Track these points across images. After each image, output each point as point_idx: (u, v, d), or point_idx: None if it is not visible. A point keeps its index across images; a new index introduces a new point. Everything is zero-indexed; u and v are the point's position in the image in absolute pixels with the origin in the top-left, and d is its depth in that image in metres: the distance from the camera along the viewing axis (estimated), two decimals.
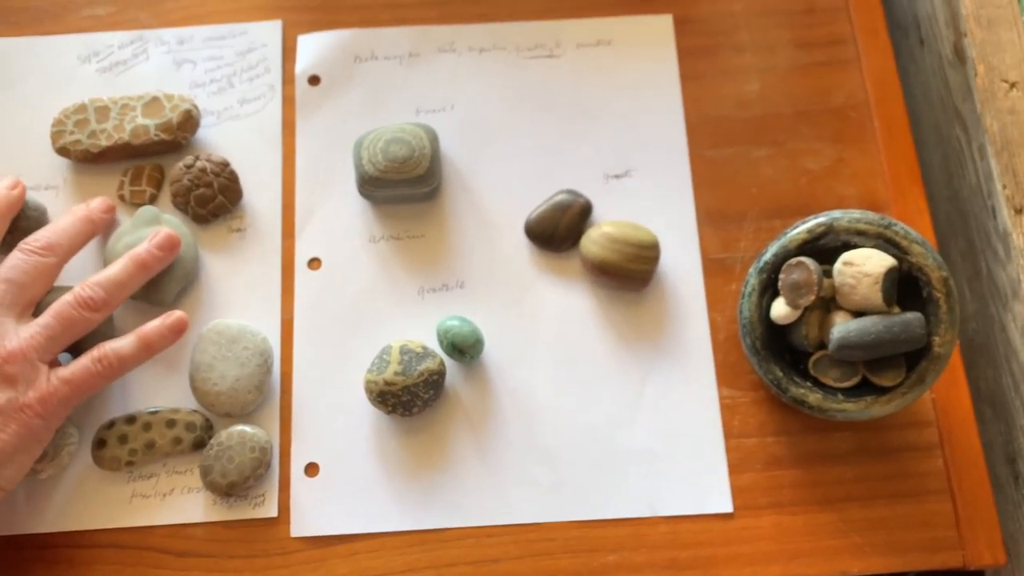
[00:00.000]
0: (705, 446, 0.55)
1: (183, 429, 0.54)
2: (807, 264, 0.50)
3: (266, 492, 0.54)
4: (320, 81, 0.62)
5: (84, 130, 0.59)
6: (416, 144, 0.57)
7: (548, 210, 0.59)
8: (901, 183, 0.60)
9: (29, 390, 0.49)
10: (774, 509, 0.54)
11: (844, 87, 0.62)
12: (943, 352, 0.50)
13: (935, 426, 0.55)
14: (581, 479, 0.54)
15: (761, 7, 0.64)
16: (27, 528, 0.53)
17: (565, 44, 0.63)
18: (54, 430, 0.51)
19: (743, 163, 0.61)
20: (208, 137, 0.61)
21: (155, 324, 0.53)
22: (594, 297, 0.58)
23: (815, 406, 0.51)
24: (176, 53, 0.63)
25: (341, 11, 0.64)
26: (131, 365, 0.52)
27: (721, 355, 0.57)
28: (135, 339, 0.52)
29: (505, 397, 0.56)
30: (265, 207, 0.60)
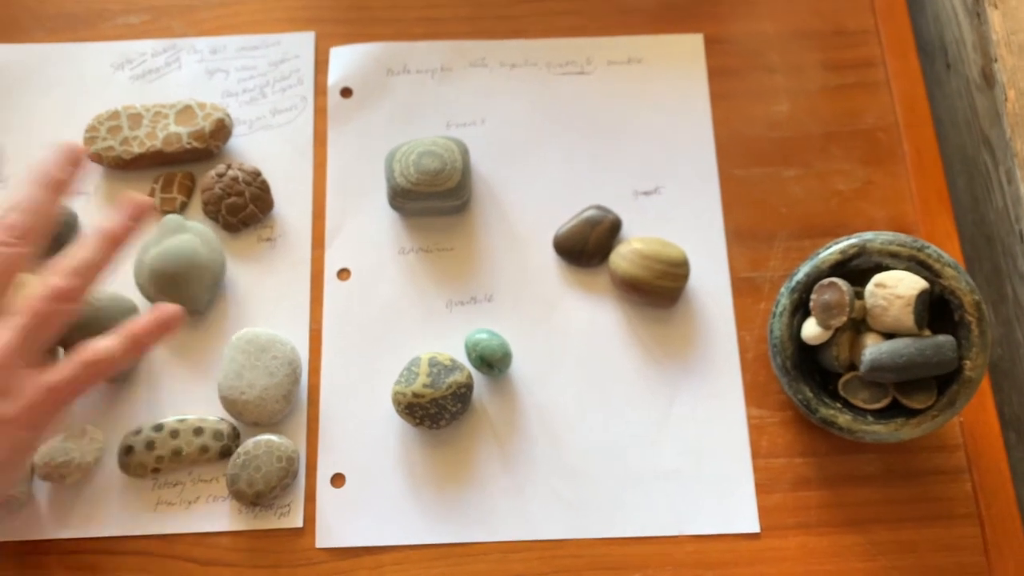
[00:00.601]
0: (732, 465, 0.55)
1: (210, 437, 0.54)
2: (839, 285, 0.50)
3: (292, 502, 0.54)
4: (352, 93, 0.63)
5: (117, 137, 0.60)
6: (448, 158, 0.57)
7: (577, 225, 0.59)
8: (930, 206, 0.61)
9: (11, 402, 0.44)
10: (801, 530, 0.54)
11: (873, 109, 0.63)
12: (974, 376, 0.50)
13: (963, 450, 0.55)
14: (607, 496, 0.54)
15: (792, 29, 0.64)
16: (52, 534, 0.53)
17: (596, 61, 0.64)
18: (44, 438, 0.48)
19: (773, 183, 0.61)
20: (240, 146, 0.62)
21: (143, 320, 0.48)
22: (622, 313, 0.58)
23: (844, 427, 0.51)
24: (209, 62, 0.63)
25: (374, 24, 0.64)
26: (120, 366, 0.48)
27: (749, 374, 0.57)
28: (123, 338, 0.47)
29: (532, 412, 0.56)
30: (295, 217, 0.60)
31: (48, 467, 0.53)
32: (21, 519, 0.53)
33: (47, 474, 0.53)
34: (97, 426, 0.55)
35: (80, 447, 0.54)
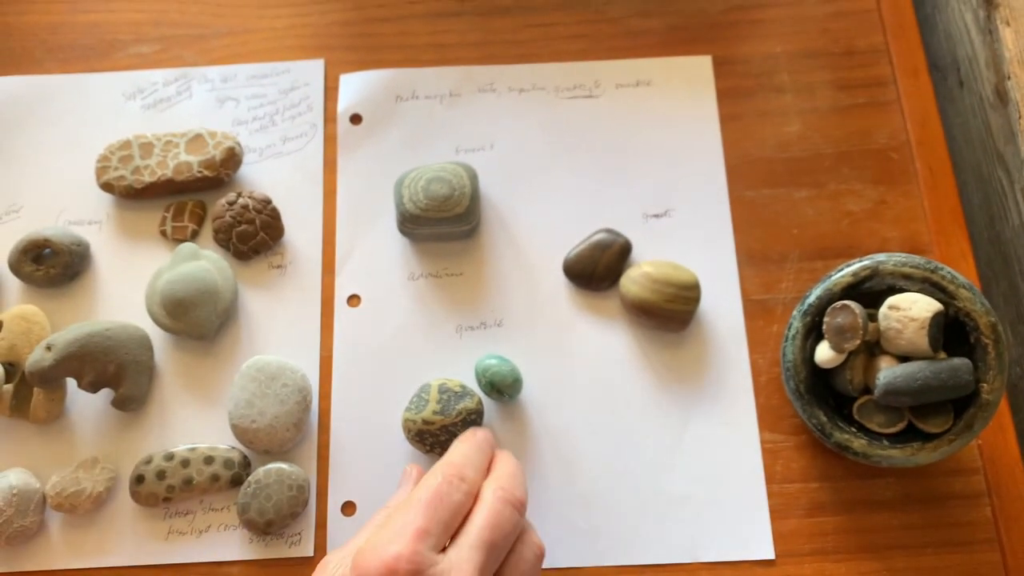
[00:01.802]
0: (746, 491, 0.54)
1: (221, 466, 0.54)
2: (852, 308, 0.50)
3: (302, 531, 0.54)
4: (362, 120, 0.63)
5: (128, 166, 0.60)
6: (457, 183, 0.57)
7: (587, 249, 0.58)
8: (944, 225, 0.60)
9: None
10: (817, 556, 0.53)
11: (885, 128, 0.62)
12: (992, 399, 0.49)
13: (982, 474, 0.54)
14: (620, 523, 0.54)
15: (801, 49, 0.64)
16: (65, 564, 0.53)
17: (604, 84, 0.63)
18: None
19: (784, 204, 0.60)
20: (250, 174, 0.62)
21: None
22: (633, 337, 0.58)
23: (859, 452, 0.50)
24: (219, 91, 0.64)
25: (383, 51, 0.65)
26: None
27: (763, 398, 0.56)
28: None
29: (543, 438, 0.56)
30: (306, 244, 0.60)
31: (60, 497, 0.53)
32: (34, 549, 0.54)
33: (59, 504, 0.53)
34: (108, 456, 0.55)
35: (92, 477, 0.54)
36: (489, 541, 0.43)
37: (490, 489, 0.45)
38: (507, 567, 0.44)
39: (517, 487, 0.46)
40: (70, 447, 0.56)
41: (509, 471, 0.47)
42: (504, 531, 0.44)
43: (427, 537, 0.42)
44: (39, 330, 0.56)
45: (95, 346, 0.54)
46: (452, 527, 0.43)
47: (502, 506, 0.44)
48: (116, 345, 0.55)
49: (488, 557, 0.42)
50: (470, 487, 0.45)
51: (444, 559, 0.42)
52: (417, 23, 0.66)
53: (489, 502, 0.44)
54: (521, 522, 0.45)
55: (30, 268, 0.58)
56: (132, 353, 0.55)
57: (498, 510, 0.44)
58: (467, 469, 0.46)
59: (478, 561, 0.42)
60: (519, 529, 0.45)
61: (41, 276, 0.58)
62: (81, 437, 0.56)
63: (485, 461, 0.48)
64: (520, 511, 0.45)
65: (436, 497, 0.43)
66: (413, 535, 0.41)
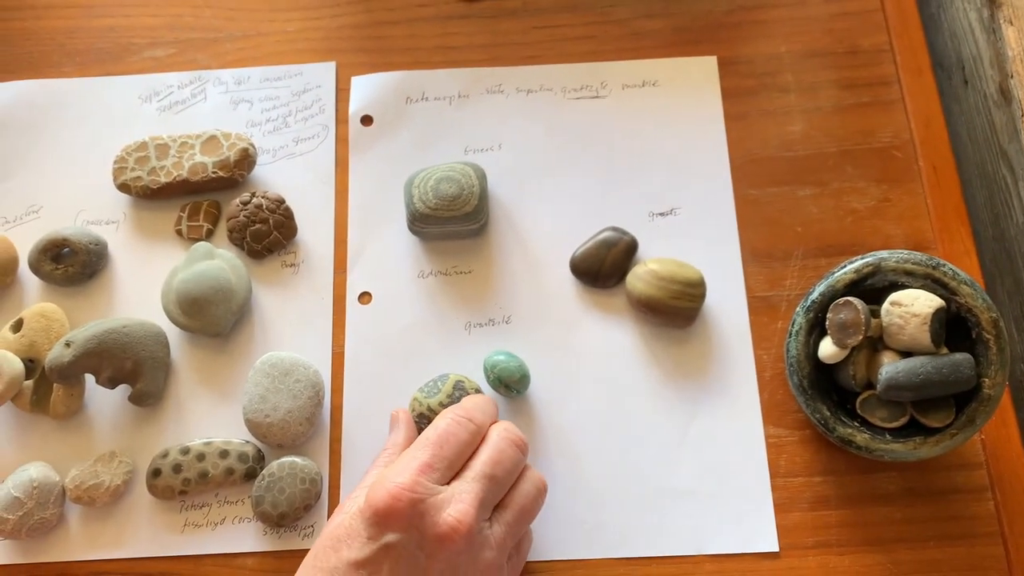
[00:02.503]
0: (751, 485, 0.55)
1: (236, 460, 0.55)
2: (855, 304, 0.51)
3: (315, 523, 0.55)
4: (372, 121, 0.64)
5: (144, 167, 0.61)
6: (465, 182, 0.58)
7: (594, 247, 0.59)
8: (947, 223, 0.60)
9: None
10: (821, 549, 0.54)
11: (889, 127, 0.63)
12: (993, 394, 0.50)
13: (985, 468, 0.55)
14: (626, 516, 0.55)
15: (805, 49, 0.65)
16: (82, 555, 0.55)
17: (611, 85, 0.64)
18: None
19: (788, 202, 0.61)
20: (264, 175, 0.63)
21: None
22: (639, 334, 0.58)
23: (862, 446, 0.51)
24: (233, 93, 0.65)
25: (393, 53, 0.66)
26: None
27: (767, 393, 0.57)
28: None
29: (550, 432, 0.56)
30: (318, 243, 0.61)
31: (79, 490, 0.54)
32: (53, 541, 0.55)
33: (78, 497, 0.54)
34: (126, 450, 0.56)
35: (109, 470, 0.55)
36: (490, 475, 0.47)
37: (495, 430, 0.49)
38: (509, 499, 0.48)
39: (518, 430, 0.50)
40: (88, 441, 0.57)
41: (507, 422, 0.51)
42: (505, 467, 0.47)
43: (431, 471, 0.45)
44: (58, 327, 0.58)
45: (113, 343, 0.55)
46: (457, 463, 0.47)
47: (505, 444, 0.48)
48: (133, 342, 0.56)
49: (489, 489, 0.46)
50: (477, 428, 0.49)
51: (446, 490, 0.45)
52: (426, 26, 0.67)
53: (493, 440, 0.48)
54: (523, 460, 0.49)
55: (50, 267, 0.59)
56: (149, 350, 0.56)
57: (501, 448, 0.48)
58: (475, 413, 0.49)
59: (478, 492, 0.45)
60: (521, 466, 0.49)
61: (60, 275, 0.59)
62: (99, 432, 0.57)
63: (493, 412, 0.52)
64: (522, 450, 0.49)
65: (443, 436, 0.47)
66: (417, 469, 0.45)
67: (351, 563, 0.44)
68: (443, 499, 0.45)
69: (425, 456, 0.46)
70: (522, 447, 0.49)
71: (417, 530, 0.44)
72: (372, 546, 0.43)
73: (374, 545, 0.43)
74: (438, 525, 0.44)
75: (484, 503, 0.46)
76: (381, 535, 0.43)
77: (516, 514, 0.48)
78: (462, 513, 0.44)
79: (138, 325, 0.57)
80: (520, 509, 0.48)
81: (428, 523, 0.44)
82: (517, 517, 0.48)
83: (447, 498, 0.45)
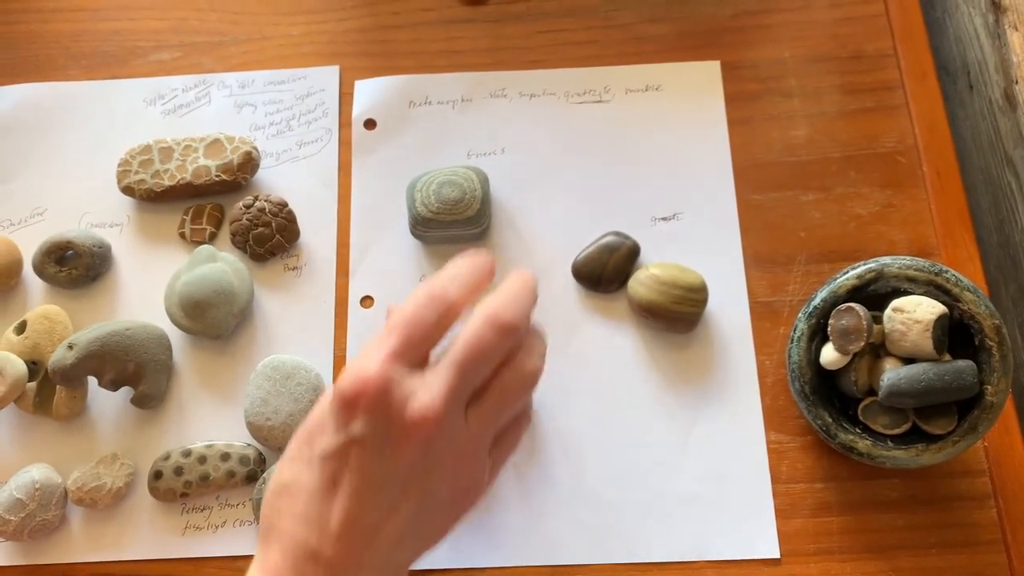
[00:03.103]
0: (752, 491, 0.55)
1: (237, 462, 0.55)
2: (857, 310, 0.50)
3: None
4: (376, 125, 0.64)
5: (148, 170, 0.62)
6: (468, 187, 0.58)
7: (596, 251, 0.59)
8: (951, 228, 0.60)
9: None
10: (822, 556, 0.53)
11: (893, 132, 0.63)
12: (996, 401, 0.50)
13: (988, 475, 0.55)
14: (627, 522, 0.54)
15: (809, 53, 0.65)
16: (84, 557, 0.55)
17: (614, 90, 0.64)
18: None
19: (791, 207, 0.61)
20: (267, 178, 0.63)
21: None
22: (641, 339, 0.58)
23: (864, 453, 0.51)
24: (237, 96, 0.65)
25: (397, 57, 0.66)
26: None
27: (769, 399, 0.57)
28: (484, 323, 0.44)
29: (551, 437, 0.56)
30: (320, 246, 0.61)
31: (81, 492, 0.54)
32: (55, 542, 0.55)
33: (80, 499, 0.55)
34: (128, 452, 0.57)
35: (111, 472, 0.55)
36: (462, 362, 0.43)
37: (478, 310, 0.44)
38: (489, 390, 0.44)
39: (508, 310, 0.44)
40: (91, 443, 0.57)
41: (508, 292, 0.45)
42: (482, 354, 0.43)
43: (399, 359, 0.42)
44: (62, 329, 0.58)
45: (115, 345, 0.55)
46: (428, 346, 0.44)
47: (483, 329, 0.43)
48: (136, 344, 0.56)
49: (461, 378, 0.42)
50: (451, 306, 0.44)
51: (415, 378, 0.42)
52: (430, 30, 0.67)
53: (470, 324, 0.44)
54: (505, 345, 0.44)
55: (53, 269, 0.60)
56: (151, 352, 0.57)
57: (477, 333, 0.43)
58: (451, 288, 0.45)
59: (449, 381, 0.42)
60: (502, 353, 0.44)
61: (64, 277, 0.59)
62: (101, 434, 0.57)
63: (477, 279, 0.46)
64: (503, 334, 0.44)
65: (411, 319, 0.43)
66: (385, 357, 0.42)
67: (321, 455, 0.42)
68: (412, 388, 0.42)
69: (393, 342, 0.42)
70: (503, 331, 0.43)
71: (384, 419, 0.41)
72: (340, 436, 0.42)
73: (342, 435, 0.42)
74: (406, 415, 0.41)
75: (456, 392, 0.42)
76: (347, 425, 0.41)
77: (493, 404, 0.44)
78: (431, 402, 0.41)
79: (141, 328, 0.57)
80: (498, 399, 0.44)
81: (395, 413, 0.41)
82: (494, 407, 0.44)
83: (416, 387, 0.42)
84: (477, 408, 0.44)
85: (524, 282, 0.46)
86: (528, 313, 0.46)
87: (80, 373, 0.55)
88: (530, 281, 0.47)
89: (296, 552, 0.41)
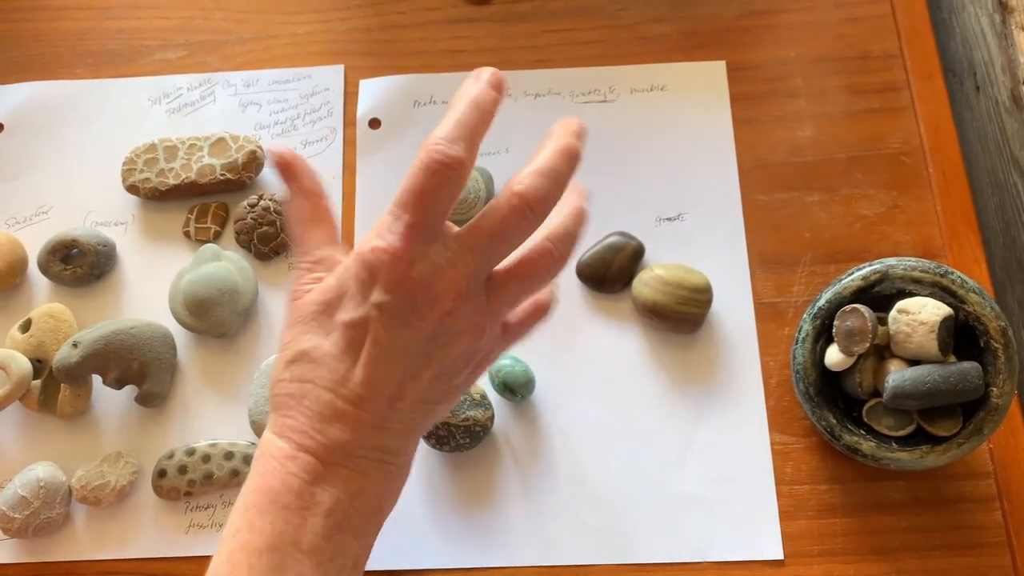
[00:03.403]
0: (756, 492, 0.55)
1: (241, 461, 0.55)
2: (862, 311, 0.50)
3: None
4: (380, 124, 0.64)
5: (153, 168, 0.62)
6: (472, 186, 0.58)
7: (600, 251, 0.59)
8: (957, 230, 0.60)
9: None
10: (826, 557, 0.53)
11: (899, 133, 0.62)
12: (1001, 403, 0.50)
13: (993, 478, 0.54)
14: (630, 522, 0.54)
15: (815, 54, 0.65)
16: (88, 555, 0.55)
17: (619, 89, 0.64)
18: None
19: (796, 208, 0.61)
20: (271, 177, 0.63)
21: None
22: (645, 339, 0.58)
23: (868, 454, 0.51)
24: (242, 95, 0.65)
25: (401, 57, 0.66)
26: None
27: (773, 400, 0.57)
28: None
29: (555, 437, 0.56)
30: None
31: (85, 490, 0.55)
32: (59, 540, 0.55)
33: (84, 497, 0.55)
34: (132, 450, 0.57)
35: (115, 471, 0.55)
36: (484, 240, 0.41)
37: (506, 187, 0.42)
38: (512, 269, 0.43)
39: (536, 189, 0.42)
40: (95, 441, 0.57)
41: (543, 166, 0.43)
42: (504, 234, 0.42)
43: (418, 232, 0.41)
44: (66, 328, 0.58)
45: (120, 344, 0.56)
46: (444, 216, 0.42)
47: (507, 210, 0.41)
48: (140, 343, 0.56)
49: (482, 255, 0.42)
50: (464, 167, 0.41)
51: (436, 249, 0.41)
52: (435, 29, 0.67)
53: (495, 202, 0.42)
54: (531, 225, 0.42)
55: (58, 268, 0.60)
56: (155, 351, 0.57)
57: (502, 212, 0.41)
58: (457, 148, 0.41)
59: (470, 257, 0.41)
60: (527, 231, 0.42)
61: (69, 275, 0.60)
62: (106, 432, 0.58)
63: (483, 121, 0.43)
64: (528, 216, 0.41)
65: (422, 192, 0.41)
66: (405, 231, 0.41)
67: (345, 323, 0.42)
68: (434, 261, 0.41)
69: (410, 218, 0.41)
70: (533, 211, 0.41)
71: (408, 293, 0.41)
72: (365, 307, 0.41)
73: (367, 306, 0.41)
74: (430, 288, 0.41)
75: (478, 270, 0.42)
76: (371, 296, 0.41)
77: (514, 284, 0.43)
78: (454, 275, 0.41)
79: (145, 326, 0.57)
80: (519, 281, 0.43)
81: (419, 287, 0.41)
82: (515, 287, 0.43)
83: (439, 259, 0.41)
84: (498, 285, 0.43)
85: (562, 152, 0.43)
86: (561, 186, 0.43)
87: (84, 371, 0.55)
88: (571, 148, 0.43)
89: (322, 413, 0.42)
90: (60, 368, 0.55)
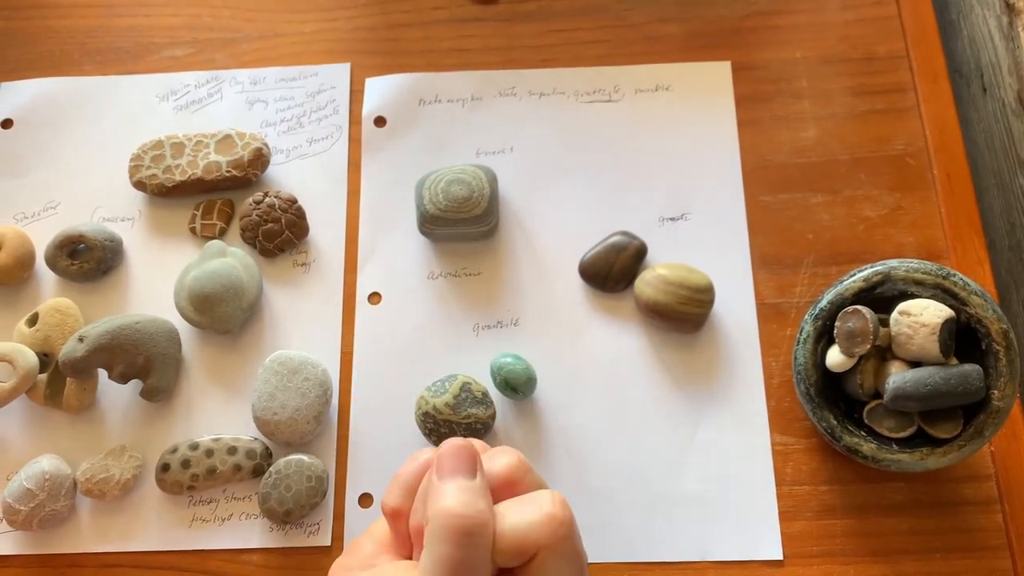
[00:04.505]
0: (756, 492, 0.55)
1: (243, 456, 0.56)
2: (863, 313, 0.50)
3: (321, 521, 0.55)
4: (386, 122, 0.65)
5: (160, 165, 0.62)
6: (476, 185, 0.59)
7: (603, 251, 0.59)
8: (960, 232, 0.60)
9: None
10: (825, 558, 0.53)
11: (903, 134, 0.62)
12: (1003, 406, 0.49)
13: (994, 480, 0.54)
14: (630, 521, 0.55)
15: (820, 55, 0.65)
16: (92, 547, 0.55)
17: (624, 89, 0.64)
18: None
19: (800, 209, 0.61)
20: (277, 174, 0.64)
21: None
22: (647, 339, 0.58)
23: (869, 456, 0.51)
24: (249, 93, 0.66)
25: (407, 55, 0.66)
26: None
27: (774, 401, 0.57)
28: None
29: (556, 436, 0.57)
30: (329, 243, 0.62)
31: (90, 483, 0.55)
32: (64, 533, 0.56)
33: (88, 490, 0.55)
34: (136, 444, 0.57)
35: (120, 465, 0.56)
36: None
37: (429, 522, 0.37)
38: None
39: (456, 505, 0.36)
40: (100, 435, 0.58)
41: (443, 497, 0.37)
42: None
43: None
44: (73, 322, 0.59)
45: (125, 338, 0.56)
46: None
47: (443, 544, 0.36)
48: (145, 338, 0.57)
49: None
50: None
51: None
52: (441, 28, 0.67)
53: (427, 540, 0.36)
54: (476, 549, 0.36)
55: (65, 263, 0.60)
56: (161, 346, 0.57)
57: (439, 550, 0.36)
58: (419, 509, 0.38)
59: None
60: (478, 554, 0.36)
61: (76, 270, 0.60)
62: (111, 426, 0.58)
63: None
64: (463, 543, 0.36)
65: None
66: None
67: None
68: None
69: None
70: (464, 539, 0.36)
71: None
72: None
73: None
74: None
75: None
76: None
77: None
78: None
79: (150, 321, 0.57)
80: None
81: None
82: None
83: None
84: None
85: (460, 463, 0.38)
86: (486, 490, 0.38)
87: (90, 366, 0.56)
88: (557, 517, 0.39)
89: None
90: (66, 362, 0.55)
